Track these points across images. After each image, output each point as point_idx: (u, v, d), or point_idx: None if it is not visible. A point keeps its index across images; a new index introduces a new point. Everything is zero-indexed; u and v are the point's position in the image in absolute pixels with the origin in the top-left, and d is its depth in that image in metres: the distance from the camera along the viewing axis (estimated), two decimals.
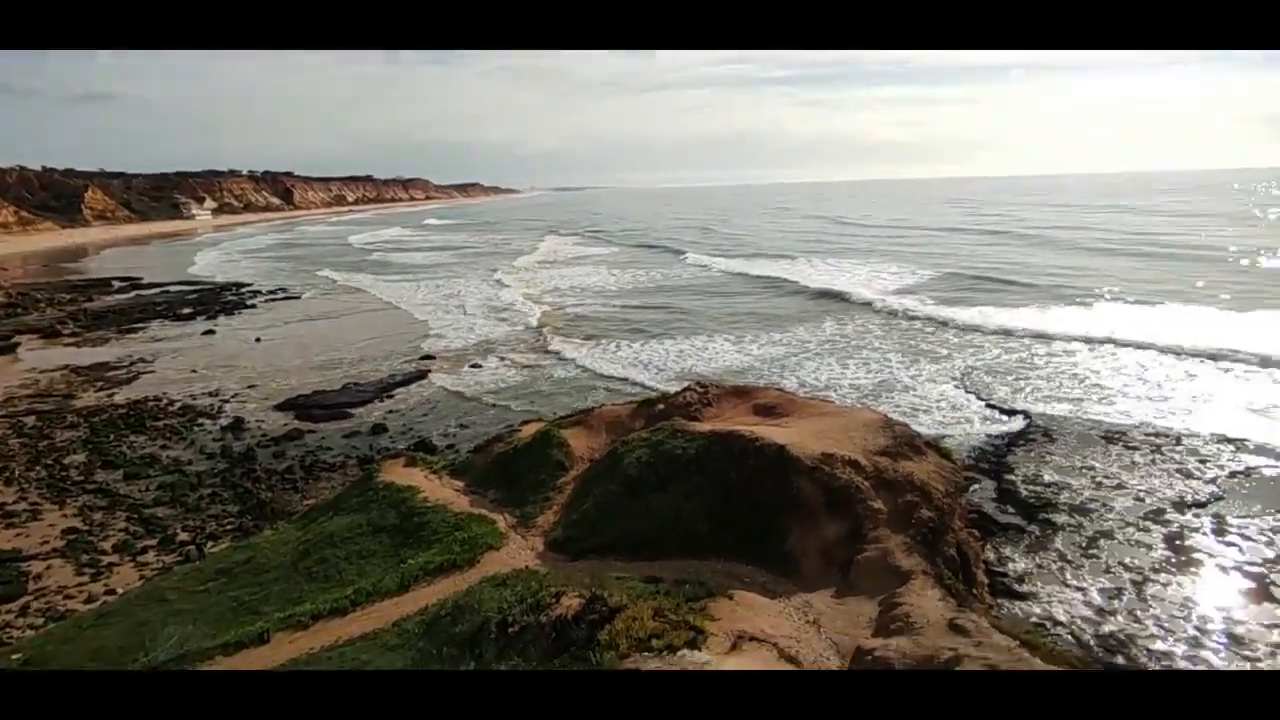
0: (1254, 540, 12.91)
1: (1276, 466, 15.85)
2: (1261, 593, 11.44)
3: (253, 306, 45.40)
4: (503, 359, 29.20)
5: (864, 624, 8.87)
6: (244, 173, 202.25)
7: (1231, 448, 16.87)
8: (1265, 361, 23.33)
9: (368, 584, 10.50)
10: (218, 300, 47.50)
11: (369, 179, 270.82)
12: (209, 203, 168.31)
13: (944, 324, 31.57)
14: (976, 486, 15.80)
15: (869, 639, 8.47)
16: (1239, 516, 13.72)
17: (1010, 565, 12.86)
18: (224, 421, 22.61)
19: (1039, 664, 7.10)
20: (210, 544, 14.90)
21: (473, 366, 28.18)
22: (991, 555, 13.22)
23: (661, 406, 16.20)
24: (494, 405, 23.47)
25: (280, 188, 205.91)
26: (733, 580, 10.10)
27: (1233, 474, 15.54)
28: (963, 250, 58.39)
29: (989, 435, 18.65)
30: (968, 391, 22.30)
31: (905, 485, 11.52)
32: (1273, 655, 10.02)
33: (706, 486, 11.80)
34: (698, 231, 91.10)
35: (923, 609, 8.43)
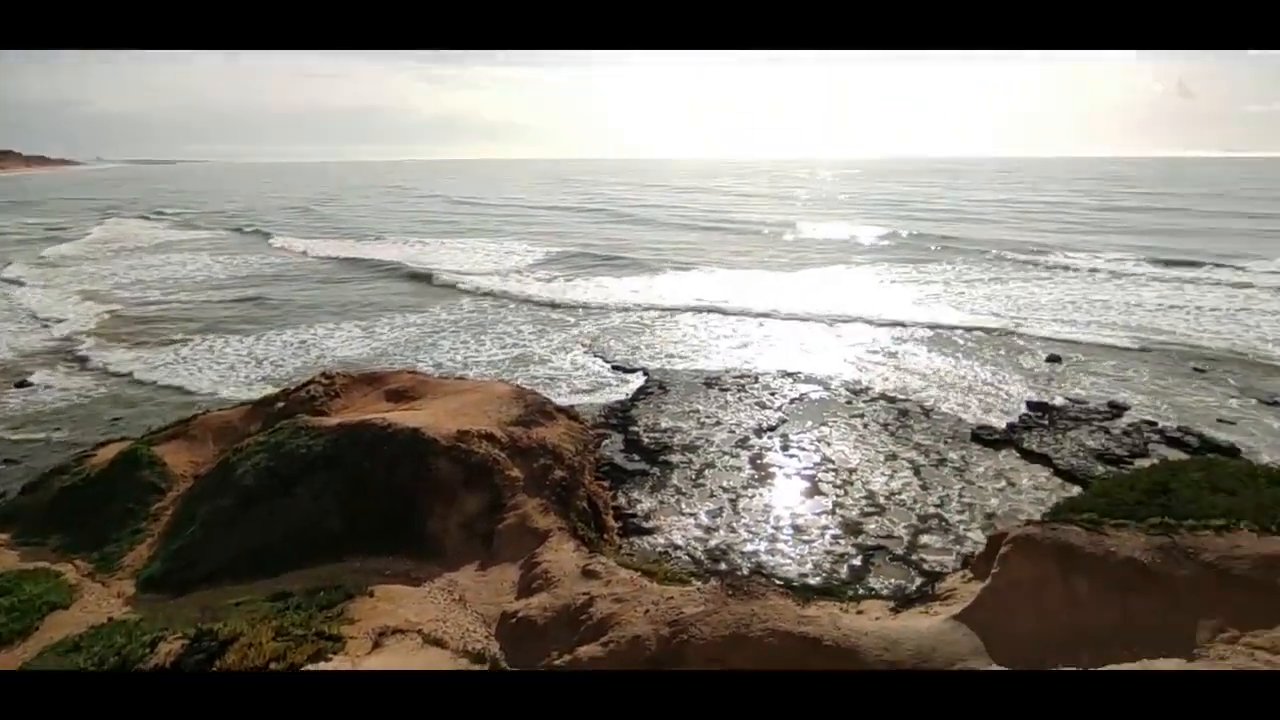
0: (807, 449, 16.32)
1: (819, 389, 20.22)
2: (813, 489, 14.53)
3: None
4: (54, 373, 23.48)
5: (509, 589, 9.16)
6: None
7: (791, 380, 21.06)
8: (808, 314, 29.58)
9: None
10: None
11: None
12: None
13: (569, 297, 33.85)
14: (607, 441, 17.34)
15: (513, 602, 8.76)
16: (797, 433, 17.22)
17: (639, 506, 14.38)
18: None
19: (656, 588, 8.04)
20: None
21: (18, 386, 22.20)
22: (623, 500, 14.65)
23: (282, 404, 14.63)
24: (52, 433, 18.81)
25: None
26: (373, 576, 9.61)
27: (792, 400, 19.40)
28: (577, 228, 63.18)
29: (615, 393, 20.58)
30: (595, 356, 24.29)
31: (539, 450, 12.11)
32: (822, 535, 12.83)
33: (338, 482, 11.01)
34: (296, 213, 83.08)
35: (560, 562, 8.97)
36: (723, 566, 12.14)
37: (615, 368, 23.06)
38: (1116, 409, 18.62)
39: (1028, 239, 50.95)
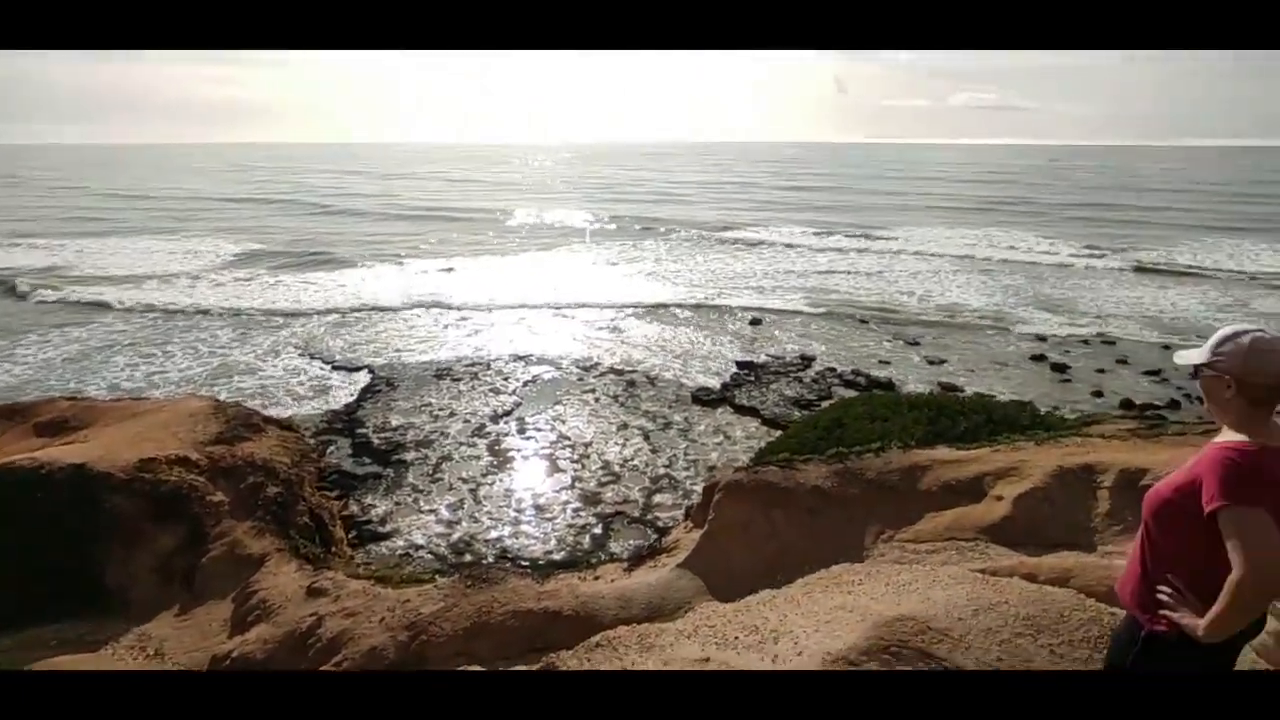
0: (544, 429, 16.57)
1: (551, 370, 20.62)
2: (553, 467, 14.82)
3: None
4: None
5: (219, 629, 8.06)
6: None
7: (523, 364, 21.20)
8: (535, 298, 29.96)
9: None
10: None
11: None
12: None
13: (273, 298, 30.54)
14: (333, 447, 16.02)
15: (225, 643, 7.74)
16: (533, 414, 17.40)
17: (373, 511, 13.49)
18: None
19: (392, 594, 7.60)
20: None
21: None
22: (355, 508, 13.64)
23: None
24: None
25: None
26: (34, 652, 7.87)
27: (526, 383, 19.54)
28: (274, 222, 56.93)
29: (339, 396, 19.05)
30: (312, 359, 22.24)
31: (248, 468, 10.78)
32: (564, 510, 13.14)
33: None
34: None
35: (280, 587, 8.09)
36: (468, 558, 11.88)
37: (336, 368, 21.33)
38: (806, 360, 21.53)
39: (725, 217, 56.75)
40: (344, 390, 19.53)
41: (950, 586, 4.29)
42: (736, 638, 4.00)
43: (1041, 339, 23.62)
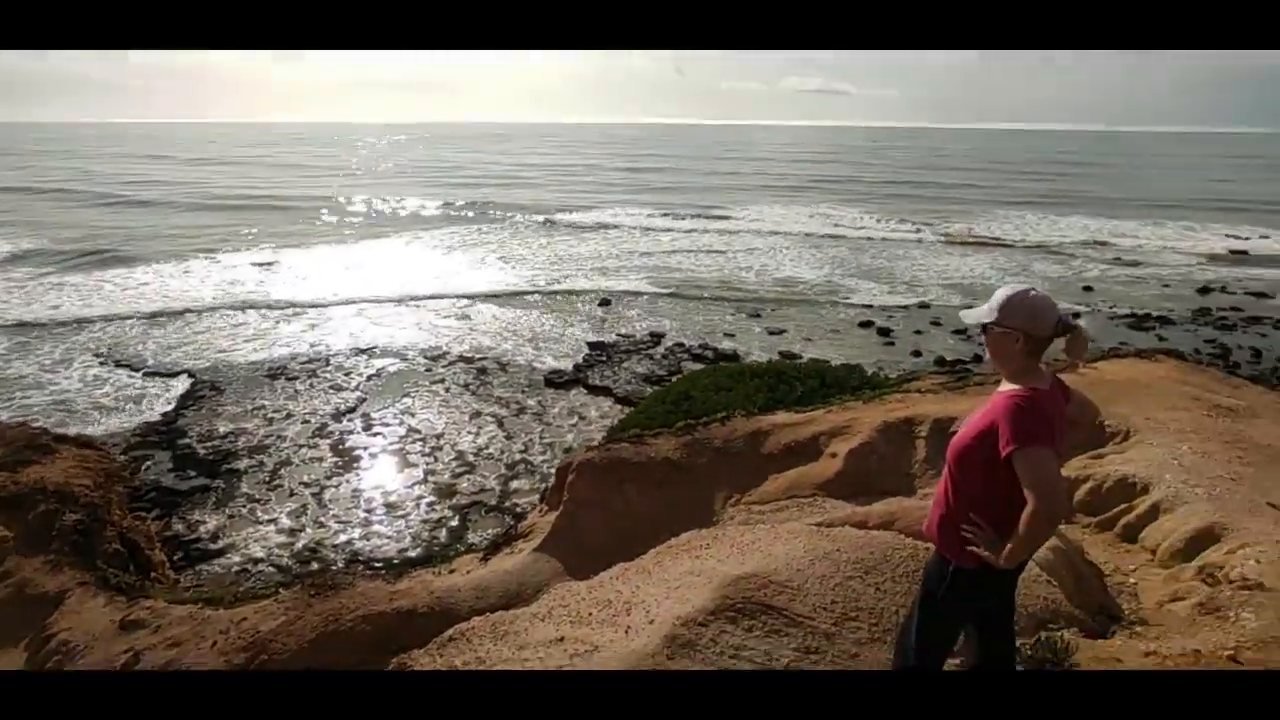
0: (392, 424, 15.85)
1: (397, 362, 19.73)
2: (404, 462, 14.22)
3: None
4: None
5: None
6: None
7: (366, 357, 20.11)
8: (377, 288, 28.44)
9: None
10: None
11: None
12: None
13: (59, 302, 26.85)
14: (149, 463, 14.43)
15: None
16: (379, 409, 16.59)
17: (202, 528, 12.33)
18: None
19: (224, 615, 6.98)
20: None
21: None
22: (180, 526, 12.40)
23: None
24: None
25: None
26: None
27: (370, 377, 18.57)
28: (56, 216, 49.20)
29: (155, 406, 17.16)
30: (117, 366, 19.85)
31: (38, 495, 9.46)
32: (418, 505, 12.66)
33: None
34: None
35: (85, 624, 7.20)
36: (315, 566, 11.16)
37: (149, 375, 19.17)
38: (656, 338, 21.99)
39: (569, 200, 56.56)
40: (160, 399, 17.61)
41: (789, 541, 4.54)
42: (591, 614, 4.01)
43: (868, 307, 25.59)
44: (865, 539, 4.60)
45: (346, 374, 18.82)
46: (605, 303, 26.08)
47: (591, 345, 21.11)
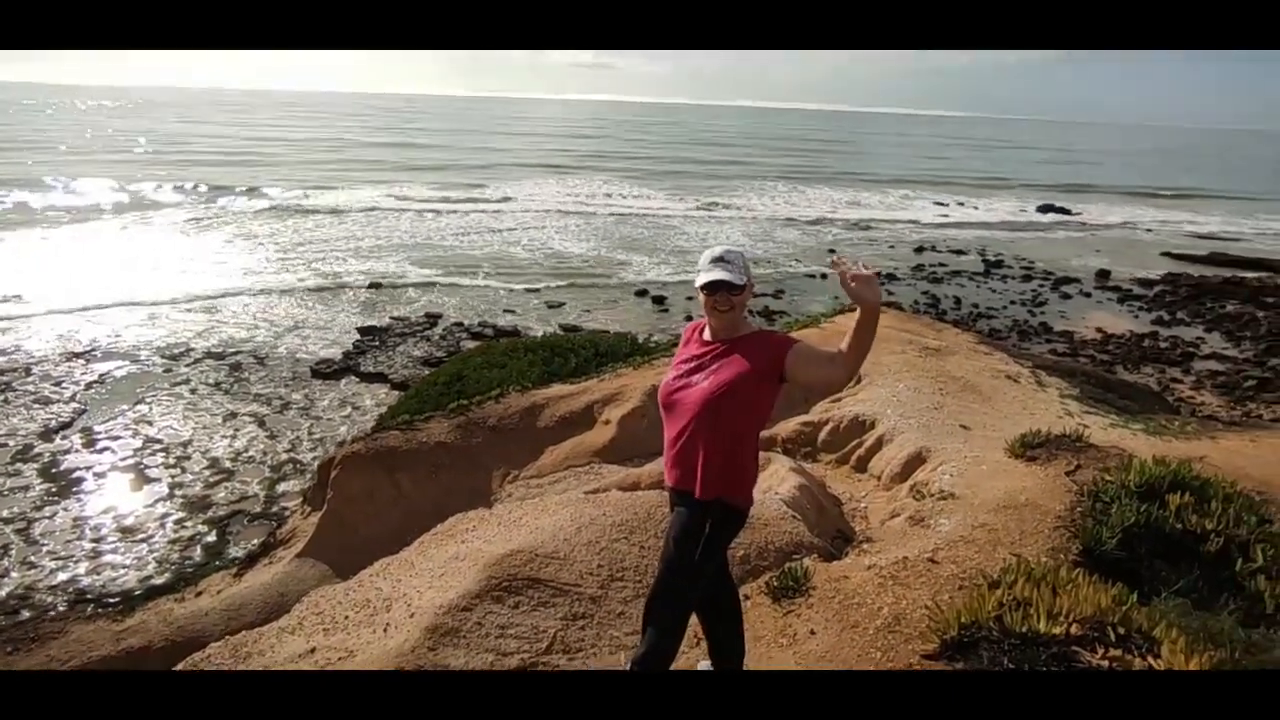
0: (123, 436, 13.74)
1: (126, 364, 17.07)
2: (141, 478, 12.40)
3: None
4: None
5: None
6: None
7: (82, 361, 17.17)
8: (92, 287, 24.33)
9: None
10: None
11: None
12: None
13: None
14: None
15: None
16: (105, 421, 14.28)
17: None
18: None
19: None
20: None
21: None
22: None
23: None
24: None
25: None
26: None
27: (90, 385, 15.91)
28: None
29: None
30: None
31: None
32: (163, 524, 11.13)
33: None
34: None
35: None
36: (26, 615, 9.39)
37: None
38: (433, 318, 21.12)
39: (326, 178, 51.91)
40: None
41: (556, 512, 4.57)
42: (348, 617, 3.74)
43: (642, 276, 26.58)
44: (629, 500, 4.76)
45: (56, 384, 15.91)
46: (375, 286, 24.57)
47: (362, 330, 19.81)
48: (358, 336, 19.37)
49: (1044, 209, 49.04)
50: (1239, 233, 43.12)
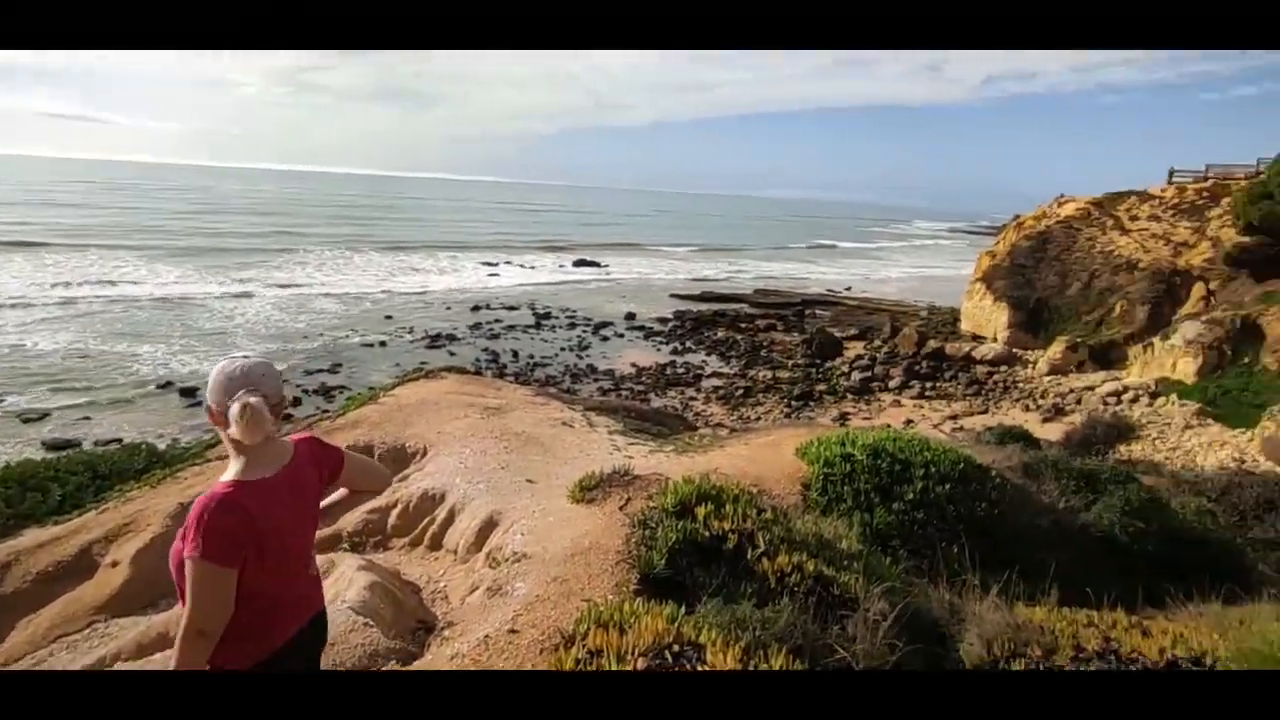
0: None
1: None
2: None
3: None
4: None
5: None
6: None
7: None
8: None
9: None
10: None
11: None
12: None
13: None
14: None
15: None
16: None
17: None
18: None
19: None
20: None
21: None
22: None
23: None
24: None
25: None
26: None
27: None
28: None
29: None
30: None
31: None
32: None
33: None
34: None
35: None
36: None
37: None
38: None
39: None
40: None
41: None
42: None
43: (165, 368, 22.34)
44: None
45: None
46: None
47: None
48: None
49: (579, 263, 55.93)
50: (720, 274, 55.17)
